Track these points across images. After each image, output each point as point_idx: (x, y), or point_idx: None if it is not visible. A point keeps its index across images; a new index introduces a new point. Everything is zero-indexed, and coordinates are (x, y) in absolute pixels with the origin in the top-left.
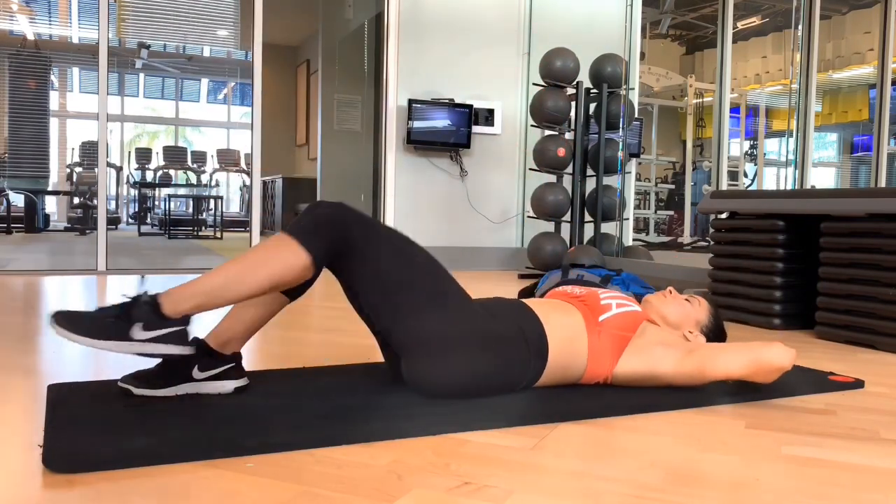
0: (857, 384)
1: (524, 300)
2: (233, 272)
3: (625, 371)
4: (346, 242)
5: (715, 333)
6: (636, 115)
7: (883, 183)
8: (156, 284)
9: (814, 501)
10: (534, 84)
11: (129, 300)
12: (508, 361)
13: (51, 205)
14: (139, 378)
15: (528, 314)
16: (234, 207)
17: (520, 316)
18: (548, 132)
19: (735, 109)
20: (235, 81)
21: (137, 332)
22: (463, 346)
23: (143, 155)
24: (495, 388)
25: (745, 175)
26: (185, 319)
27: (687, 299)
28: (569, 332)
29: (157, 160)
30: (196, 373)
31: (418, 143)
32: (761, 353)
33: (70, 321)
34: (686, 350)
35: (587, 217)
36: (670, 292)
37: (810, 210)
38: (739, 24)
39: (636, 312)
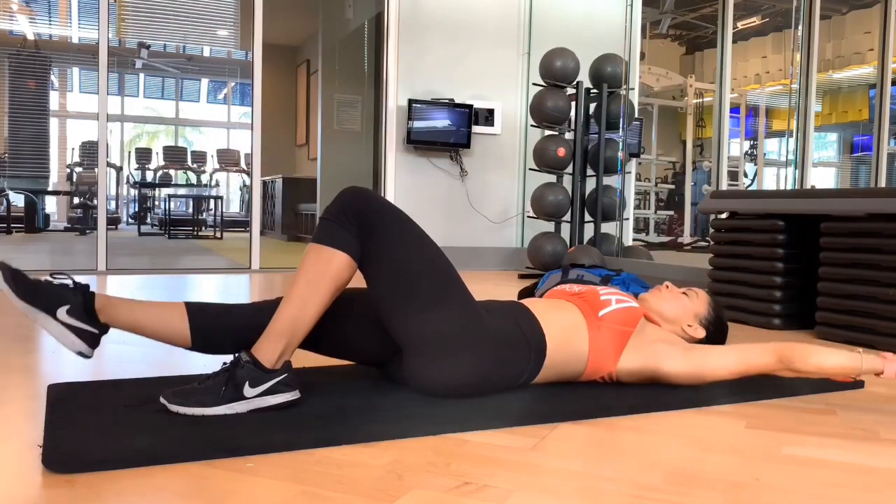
0: (857, 384)
1: (522, 301)
2: (296, 301)
3: (628, 367)
4: (369, 230)
5: (715, 325)
6: (636, 115)
7: (883, 183)
8: (157, 284)
9: (814, 501)
10: (534, 84)
11: (229, 364)
12: (508, 359)
13: (51, 205)
14: (184, 396)
15: (526, 313)
16: (234, 207)
17: (518, 315)
18: (548, 132)
19: (735, 109)
20: (235, 81)
21: (248, 390)
22: (466, 346)
23: (143, 155)
24: (495, 386)
25: (745, 175)
26: (286, 366)
27: (684, 293)
28: (567, 328)
29: (157, 160)
30: (248, 390)
31: (418, 143)
32: (749, 358)
33: (182, 397)
34: (685, 349)
35: (587, 217)
36: (667, 287)
37: (810, 210)
38: (739, 24)
39: (635, 308)
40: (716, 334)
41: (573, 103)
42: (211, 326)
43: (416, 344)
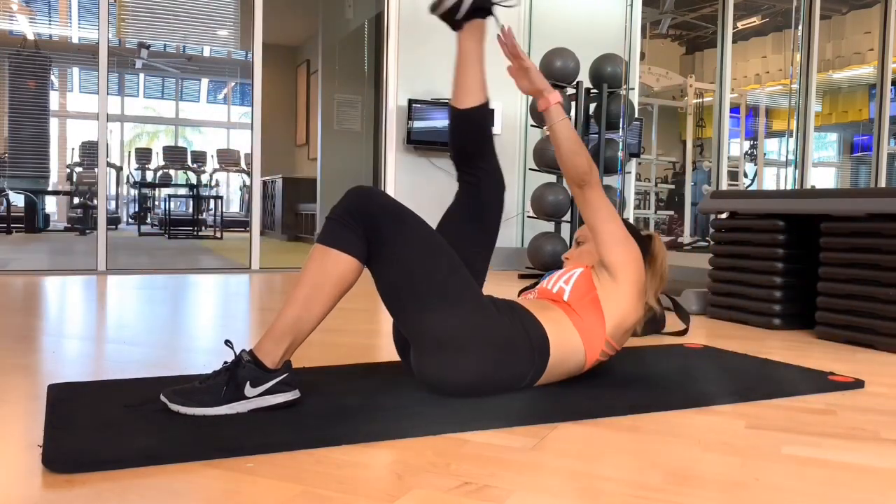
0: (857, 384)
1: (518, 301)
2: (300, 302)
3: (615, 321)
4: (376, 231)
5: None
6: (636, 115)
7: (883, 183)
8: (157, 284)
9: (814, 501)
10: None
11: (230, 363)
12: (514, 359)
13: (51, 205)
14: (185, 395)
15: (527, 314)
16: (234, 207)
17: (523, 317)
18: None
19: (735, 109)
20: (235, 81)
21: (249, 390)
22: (474, 344)
23: (143, 155)
24: (500, 385)
25: (745, 175)
26: (286, 365)
27: (578, 243)
28: (560, 327)
29: (157, 160)
30: (249, 390)
31: (418, 143)
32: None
33: (183, 396)
34: (608, 267)
35: None
36: (566, 258)
37: (810, 210)
38: (739, 24)
39: (582, 273)
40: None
41: (573, 103)
42: (474, 123)
43: (425, 341)
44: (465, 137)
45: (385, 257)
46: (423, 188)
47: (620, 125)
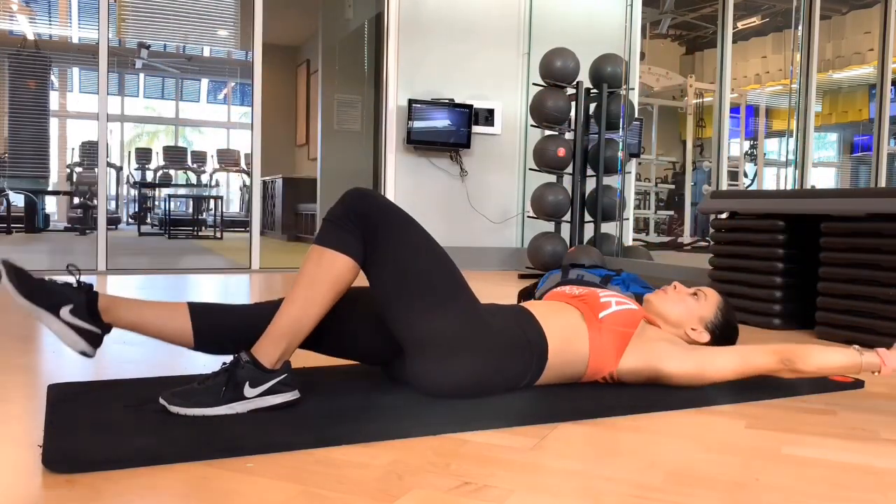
0: (857, 384)
1: (523, 304)
2: (298, 303)
3: (628, 367)
4: (372, 232)
5: (721, 330)
6: (636, 115)
7: (883, 183)
8: (157, 284)
9: (814, 501)
10: (534, 84)
11: (229, 364)
12: (511, 361)
13: (51, 205)
14: (183, 396)
15: (528, 316)
16: (234, 207)
17: (520, 318)
18: (548, 132)
19: (735, 109)
20: (235, 81)
21: (248, 390)
22: (468, 347)
23: (143, 155)
24: (497, 387)
25: (745, 175)
26: (285, 366)
27: (695, 293)
28: (568, 331)
29: (157, 160)
30: (248, 390)
31: (418, 143)
32: (751, 360)
33: (182, 397)
34: (686, 349)
35: (587, 217)
36: (674, 287)
37: (810, 210)
38: (739, 24)
39: (635, 310)
40: (721, 340)
41: (573, 103)
42: (213, 326)
43: (419, 344)
44: (231, 332)
45: (380, 259)
46: (423, 188)
47: (620, 125)
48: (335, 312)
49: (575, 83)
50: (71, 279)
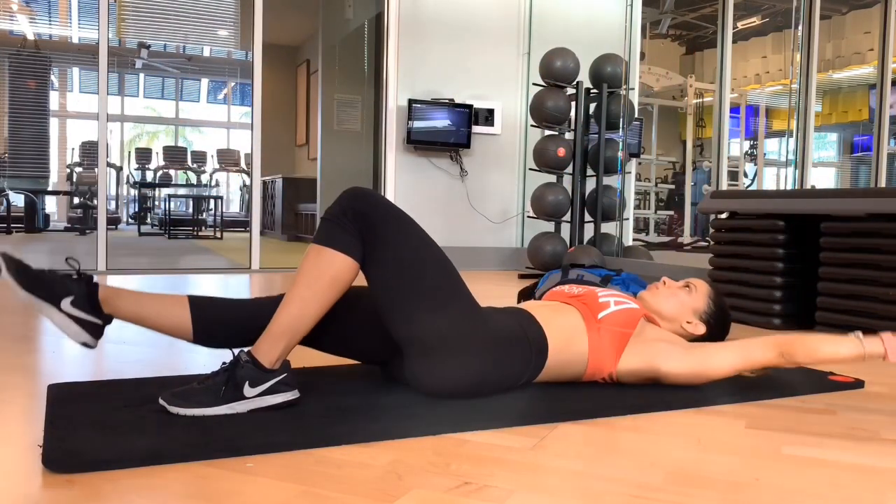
0: (857, 384)
1: (522, 305)
2: (297, 302)
3: (628, 368)
4: (370, 232)
5: (715, 319)
6: (636, 115)
7: (883, 183)
8: (157, 284)
9: (814, 501)
10: (534, 84)
11: (229, 364)
12: (509, 360)
13: (51, 205)
14: (183, 396)
15: (527, 315)
16: (234, 207)
17: (520, 316)
18: (548, 132)
19: (735, 109)
20: (235, 81)
21: (248, 390)
22: (467, 347)
23: (143, 155)
24: (495, 386)
25: (745, 175)
26: (284, 365)
27: (686, 284)
28: (568, 331)
29: (157, 160)
30: (248, 390)
31: (418, 143)
32: (750, 354)
33: (183, 398)
34: (685, 348)
35: (587, 217)
36: (664, 283)
37: (810, 210)
38: (739, 24)
39: (634, 309)
40: (717, 328)
41: (573, 103)
42: (213, 320)
43: (418, 345)
44: (228, 328)
45: (379, 258)
46: (423, 188)
47: (620, 125)
48: (335, 311)
49: (575, 83)
50: (72, 271)
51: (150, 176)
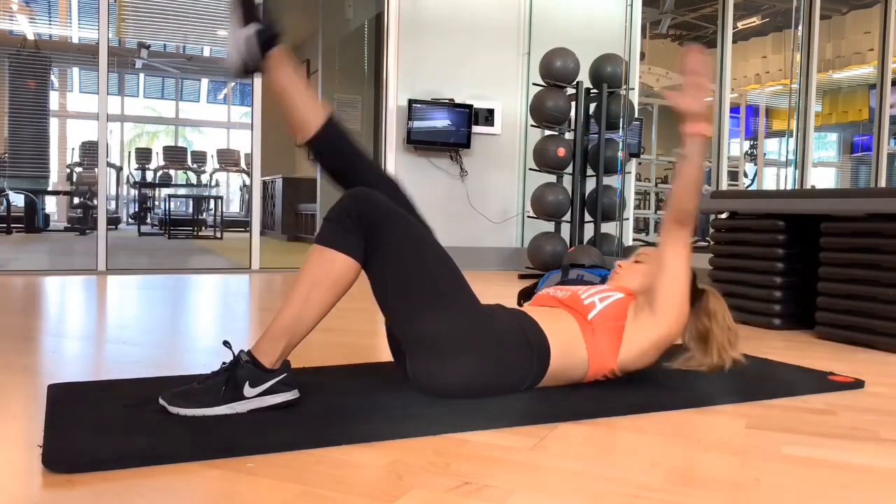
0: (857, 384)
1: (522, 309)
2: (298, 302)
3: (628, 358)
4: (373, 232)
5: None
6: (636, 115)
7: (883, 183)
8: (157, 284)
9: (814, 501)
10: (534, 84)
11: (229, 364)
12: (511, 363)
13: (51, 205)
14: (183, 396)
15: (528, 319)
16: (234, 207)
17: (521, 320)
18: (548, 132)
19: (735, 109)
20: (235, 81)
21: (248, 390)
22: (470, 347)
23: (143, 155)
24: (497, 389)
25: (745, 175)
26: (284, 365)
27: (636, 260)
28: (568, 336)
29: (157, 160)
30: (248, 390)
31: (418, 143)
32: (676, 254)
33: (183, 398)
34: (650, 306)
35: (587, 217)
36: (620, 266)
37: (810, 210)
38: (739, 24)
39: (621, 299)
40: None
41: (573, 103)
42: (331, 142)
43: (420, 345)
44: (336, 163)
45: (381, 259)
46: (423, 188)
47: (620, 125)
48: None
49: (575, 83)
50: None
51: (150, 176)
